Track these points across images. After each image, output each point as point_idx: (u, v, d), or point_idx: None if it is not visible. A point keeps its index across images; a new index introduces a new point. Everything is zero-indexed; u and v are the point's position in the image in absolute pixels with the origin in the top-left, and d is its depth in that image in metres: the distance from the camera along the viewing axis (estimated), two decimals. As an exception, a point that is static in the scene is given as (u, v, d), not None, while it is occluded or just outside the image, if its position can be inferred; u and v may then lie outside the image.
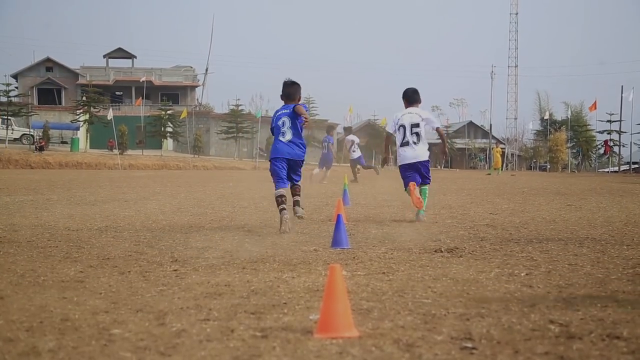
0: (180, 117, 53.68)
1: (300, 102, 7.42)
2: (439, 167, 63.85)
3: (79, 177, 24.42)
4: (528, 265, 4.92)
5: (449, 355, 2.67)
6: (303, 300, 3.68)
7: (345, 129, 23.47)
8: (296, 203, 7.21)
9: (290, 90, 7.42)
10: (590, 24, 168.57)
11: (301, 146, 7.25)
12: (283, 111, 7.29)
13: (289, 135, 7.18)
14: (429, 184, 8.59)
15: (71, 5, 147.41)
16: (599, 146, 63.81)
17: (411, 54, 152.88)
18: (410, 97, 8.69)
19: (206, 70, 70.26)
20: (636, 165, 53.55)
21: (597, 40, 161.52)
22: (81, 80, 63.38)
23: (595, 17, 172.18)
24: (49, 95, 64.30)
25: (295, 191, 7.25)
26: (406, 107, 8.66)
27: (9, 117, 49.44)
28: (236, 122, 57.88)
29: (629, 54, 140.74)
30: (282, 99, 7.48)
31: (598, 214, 9.45)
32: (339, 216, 6.02)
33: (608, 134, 59.73)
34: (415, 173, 8.37)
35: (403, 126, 8.44)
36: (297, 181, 7.29)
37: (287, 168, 7.16)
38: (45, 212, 9.48)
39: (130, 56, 67.46)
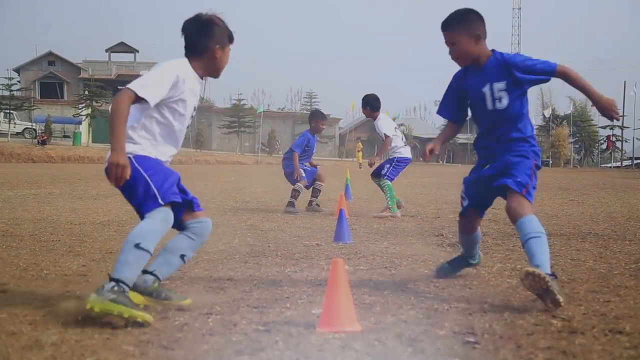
0: None
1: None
2: (441, 162, 63.76)
3: (81, 171, 24.43)
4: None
5: (452, 349, 2.67)
6: (305, 295, 3.69)
7: None
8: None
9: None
10: (593, 19, 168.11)
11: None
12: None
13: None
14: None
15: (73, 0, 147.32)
16: (602, 141, 63.70)
17: (413, 49, 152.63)
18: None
19: (208, 64, 70.01)
20: (639, 161, 53.42)
21: (600, 35, 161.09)
22: (83, 74, 63.26)
23: (599, 12, 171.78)
24: (51, 89, 64.22)
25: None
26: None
27: (12, 111, 49.45)
28: (238, 116, 57.79)
29: (632, 50, 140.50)
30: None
31: (600, 209, 9.44)
32: (341, 211, 6.02)
33: (611, 129, 59.64)
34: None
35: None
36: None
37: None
38: (48, 206, 9.49)
39: (132, 50, 67.29)
